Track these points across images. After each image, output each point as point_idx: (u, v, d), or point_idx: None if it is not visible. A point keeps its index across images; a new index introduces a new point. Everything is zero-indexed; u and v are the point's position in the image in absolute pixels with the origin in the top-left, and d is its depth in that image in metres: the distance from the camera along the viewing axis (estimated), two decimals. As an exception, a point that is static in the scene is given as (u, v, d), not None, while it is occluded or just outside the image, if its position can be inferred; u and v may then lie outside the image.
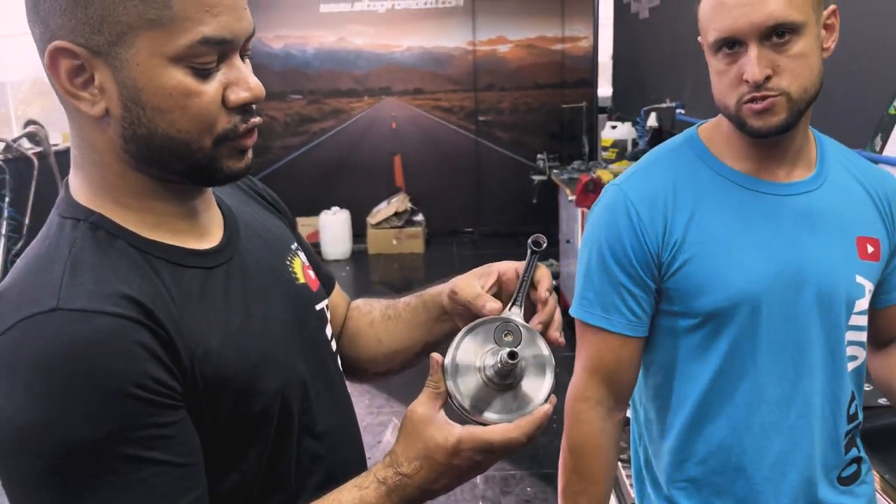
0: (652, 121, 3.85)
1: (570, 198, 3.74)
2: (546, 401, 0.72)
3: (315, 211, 6.04)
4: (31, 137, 4.42)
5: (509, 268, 0.83)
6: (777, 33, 0.96)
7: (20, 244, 4.17)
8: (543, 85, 6.28)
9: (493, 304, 0.79)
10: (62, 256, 0.63)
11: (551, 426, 2.65)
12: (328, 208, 6.04)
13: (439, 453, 0.68)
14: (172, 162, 0.67)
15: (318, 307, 0.86)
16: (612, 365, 1.12)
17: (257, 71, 0.69)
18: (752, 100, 0.98)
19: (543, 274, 0.80)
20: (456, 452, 0.68)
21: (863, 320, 1.12)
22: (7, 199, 4.07)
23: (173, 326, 0.63)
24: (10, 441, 0.58)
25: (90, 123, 0.66)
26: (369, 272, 5.63)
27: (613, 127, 4.24)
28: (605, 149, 4.24)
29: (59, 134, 5.00)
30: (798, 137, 1.07)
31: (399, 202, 6.14)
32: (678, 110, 3.67)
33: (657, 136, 3.89)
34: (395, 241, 6.04)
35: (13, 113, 4.93)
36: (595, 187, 3.35)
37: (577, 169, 4.33)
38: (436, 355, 0.72)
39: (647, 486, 1.21)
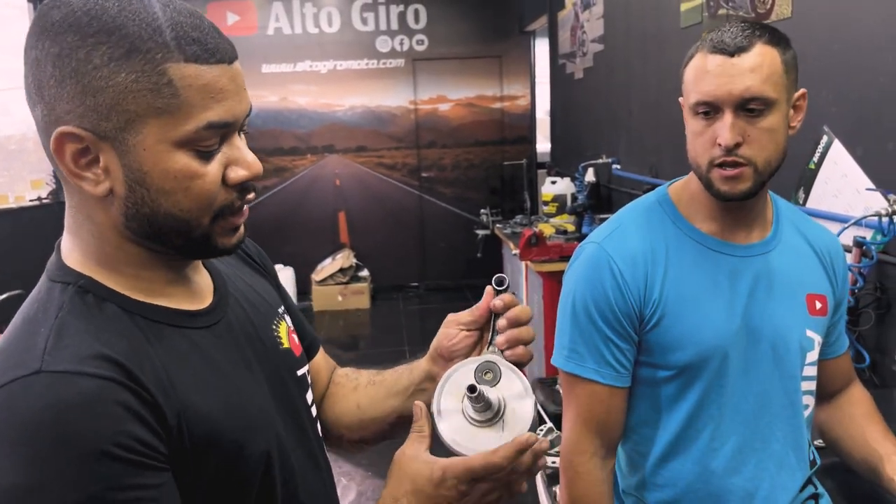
0: (590, 176, 3.99)
1: (513, 251, 3.82)
2: (528, 428, 0.74)
3: (258, 269, 5.97)
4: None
5: (482, 308, 0.85)
6: (751, 106, 1.04)
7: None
8: (484, 142, 6.44)
9: (466, 334, 0.84)
10: (49, 320, 0.64)
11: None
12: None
13: (426, 485, 0.70)
14: (172, 238, 0.69)
15: (299, 373, 0.86)
16: (603, 415, 1.17)
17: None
18: (723, 164, 1.06)
19: (521, 310, 0.83)
20: (441, 482, 0.70)
21: (813, 371, 1.20)
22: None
23: (158, 388, 0.64)
24: None
25: (92, 200, 0.67)
26: (315, 329, 5.56)
27: (553, 182, 4.36)
28: (546, 203, 4.35)
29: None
30: (759, 202, 1.15)
31: (344, 258, 6.13)
32: (614, 165, 3.82)
33: (595, 191, 4.02)
34: (340, 298, 6.01)
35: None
36: (538, 241, 3.42)
37: (520, 223, 4.43)
38: (419, 402, 0.75)
39: None
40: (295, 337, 0.89)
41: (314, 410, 0.88)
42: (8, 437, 0.58)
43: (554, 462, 1.82)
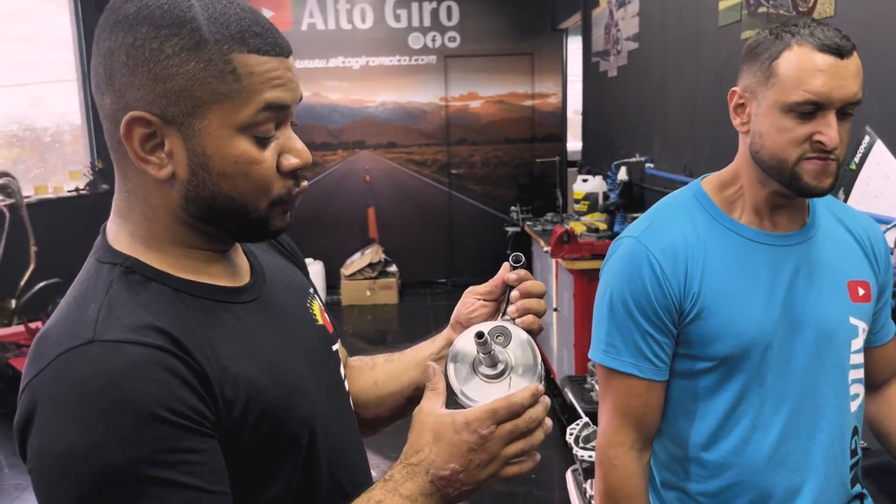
0: (622, 174, 3.97)
1: (544, 249, 3.81)
2: (539, 380, 0.78)
3: (288, 262, 6.04)
4: (3, 189, 4.38)
5: (498, 280, 0.91)
6: (848, 109, 1.06)
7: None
8: (514, 139, 6.43)
9: (483, 304, 0.90)
10: (99, 296, 0.67)
11: (529, 477, 2.62)
12: (302, 260, 6.04)
13: (448, 432, 0.72)
14: (228, 220, 0.73)
15: (333, 348, 0.90)
16: (640, 409, 1.18)
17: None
18: (817, 157, 1.06)
19: (533, 283, 0.88)
20: (463, 427, 0.72)
21: (860, 358, 1.19)
22: (-23, 252, 4.02)
23: (204, 357, 0.67)
24: (52, 466, 0.61)
25: (152, 183, 0.71)
26: (343, 323, 5.61)
27: (584, 180, 4.34)
28: (577, 201, 4.34)
29: (31, 186, 4.98)
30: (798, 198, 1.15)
31: (373, 253, 6.17)
32: (647, 164, 3.80)
33: (628, 189, 4.00)
34: (368, 293, 6.05)
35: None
36: (569, 239, 3.42)
37: (551, 221, 4.42)
38: (431, 363, 0.79)
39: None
40: (327, 315, 0.92)
41: (347, 385, 0.92)
42: (64, 402, 0.61)
43: (590, 456, 1.82)
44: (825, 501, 1.16)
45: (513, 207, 5.24)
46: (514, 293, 0.87)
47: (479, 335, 0.75)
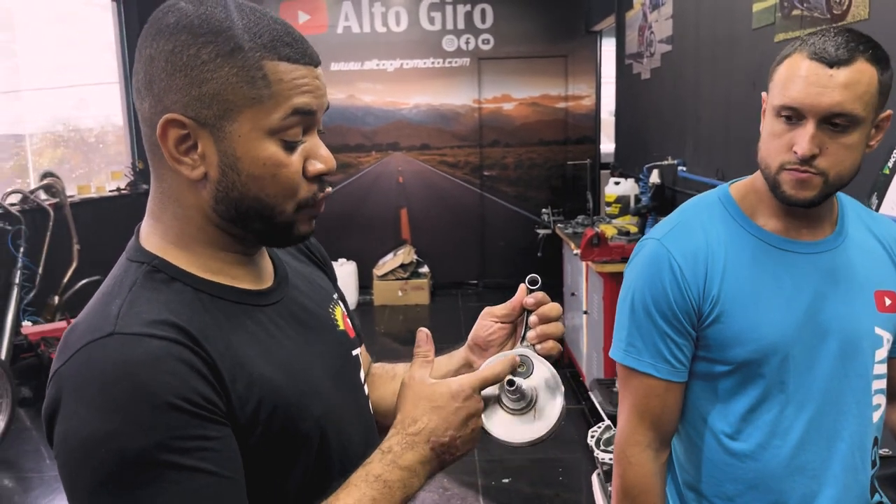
0: (655, 177, 3.95)
1: (574, 251, 3.82)
2: (558, 415, 0.80)
3: (322, 262, 6.13)
4: (48, 189, 4.53)
5: (516, 304, 0.92)
6: (836, 121, 1.04)
7: (33, 293, 4.24)
8: (547, 141, 6.43)
9: (500, 326, 0.92)
10: (123, 293, 0.72)
11: (557, 479, 2.63)
12: (335, 260, 6.12)
13: (443, 399, 0.76)
14: (255, 222, 0.76)
15: (354, 352, 0.93)
16: (658, 409, 1.19)
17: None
18: (795, 168, 1.06)
19: (551, 307, 0.89)
20: (459, 393, 0.76)
21: (884, 369, 1.19)
22: (22, 249, 4.16)
23: (217, 354, 0.70)
24: (74, 451, 0.65)
25: (184, 184, 0.75)
26: (375, 323, 5.67)
27: (617, 183, 4.33)
28: (609, 204, 4.33)
29: (75, 186, 5.13)
30: (824, 205, 1.14)
31: (405, 254, 6.22)
32: (680, 167, 3.77)
33: (660, 193, 3.98)
34: (400, 293, 6.10)
35: (31, 164, 5.06)
36: (600, 241, 3.42)
37: (582, 223, 4.42)
38: (423, 329, 0.82)
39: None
40: (349, 321, 0.95)
41: (366, 389, 0.94)
42: (87, 390, 0.65)
43: (610, 459, 1.83)
44: None
45: (544, 210, 5.25)
46: (533, 318, 0.88)
47: (511, 383, 0.78)
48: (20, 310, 4.14)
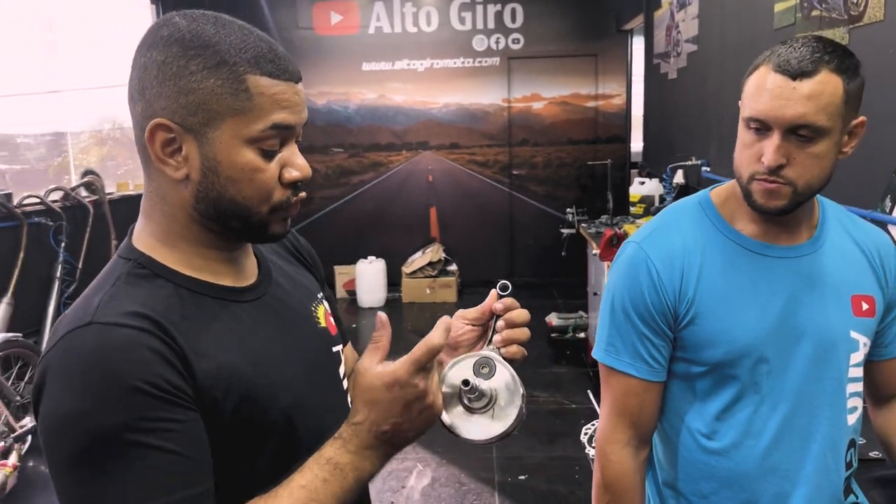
0: (679, 177, 3.94)
1: (594, 251, 3.83)
2: (516, 417, 0.83)
3: (352, 259, 6.23)
4: (88, 186, 4.69)
5: (486, 308, 0.95)
6: (801, 132, 1.06)
7: (73, 287, 4.40)
8: (577, 140, 6.43)
9: (471, 329, 0.95)
10: (107, 287, 0.79)
11: (573, 477, 2.67)
12: (365, 257, 6.22)
13: (378, 392, 0.78)
14: (232, 221, 0.82)
15: (334, 349, 0.98)
16: (636, 408, 1.23)
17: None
18: (764, 178, 1.09)
19: (518, 313, 0.93)
20: (392, 383, 0.78)
21: (859, 372, 1.20)
22: (63, 244, 4.32)
23: (188, 344, 0.76)
24: (53, 428, 0.71)
25: (169, 183, 0.81)
26: (403, 320, 5.74)
27: (642, 183, 4.33)
28: (633, 204, 4.33)
29: (114, 183, 5.30)
30: (801, 210, 1.16)
31: (433, 252, 6.28)
32: (704, 168, 3.76)
33: (684, 193, 3.97)
34: (428, 291, 6.16)
35: (72, 162, 5.24)
36: (619, 241, 3.43)
37: (604, 223, 4.42)
38: (380, 313, 0.84)
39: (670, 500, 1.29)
40: (332, 319, 1.00)
41: (346, 384, 0.99)
42: (64, 374, 0.72)
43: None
44: None
45: (568, 209, 5.26)
46: (500, 322, 0.92)
47: (466, 383, 0.81)
48: (61, 303, 4.31)
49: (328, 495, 0.77)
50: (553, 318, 4.94)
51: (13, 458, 3.15)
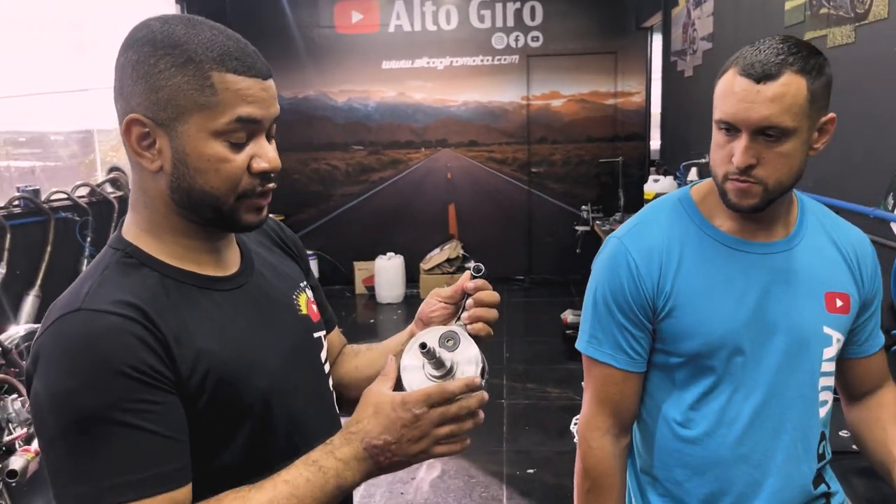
0: (692, 175, 3.94)
1: (608, 248, 3.85)
2: (480, 378, 0.88)
3: (371, 255, 6.31)
4: (114, 182, 4.82)
5: (458, 287, 1.02)
6: (768, 132, 1.09)
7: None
8: (595, 138, 6.43)
9: (443, 306, 1.02)
10: (95, 275, 0.84)
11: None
12: (384, 253, 6.29)
13: (386, 408, 0.84)
14: (204, 210, 0.87)
15: (315, 335, 1.03)
16: (616, 397, 1.27)
17: (322, 123, 0.91)
18: (736, 178, 1.13)
19: (488, 294, 0.99)
20: (400, 405, 0.83)
21: (831, 367, 1.23)
22: (89, 239, 4.44)
23: (170, 331, 0.81)
24: (43, 405, 0.77)
25: (147, 175, 0.86)
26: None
27: (656, 180, 4.34)
28: (648, 201, 4.33)
29: (139, 179, 5.41)
30: (777, 208, 1.20)
31: (451, 249, 6.33)
32: (717, 165, 3.76)
33: (697, 190, 3.96)
34: (446, 287, 6.19)
35: (99, 159, 5.38)
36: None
37: (618, 220, 4.44)
38: (391, 356, 0.91)
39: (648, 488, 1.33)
40: (314, 307, 1.06)
41: (327, 368, 1.05)
42: (54, 357, 0.77)
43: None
44: (784, 499, 1.20)
45: (584, 206, 5.27)
46: (470, 301, 0.98)
47: (423, 345, 0.85)
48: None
49: (308, 494, 0.82)
50: (568, 315, 4.95)
51: (35, 445, 3.26)
